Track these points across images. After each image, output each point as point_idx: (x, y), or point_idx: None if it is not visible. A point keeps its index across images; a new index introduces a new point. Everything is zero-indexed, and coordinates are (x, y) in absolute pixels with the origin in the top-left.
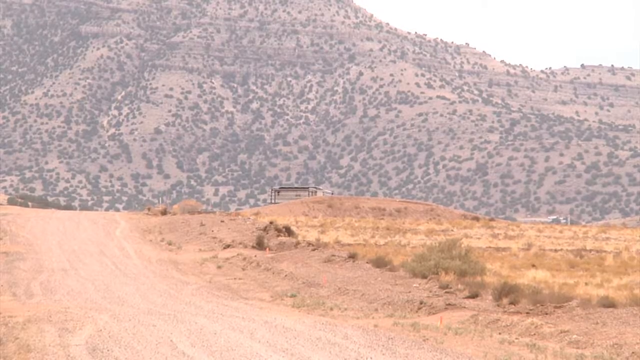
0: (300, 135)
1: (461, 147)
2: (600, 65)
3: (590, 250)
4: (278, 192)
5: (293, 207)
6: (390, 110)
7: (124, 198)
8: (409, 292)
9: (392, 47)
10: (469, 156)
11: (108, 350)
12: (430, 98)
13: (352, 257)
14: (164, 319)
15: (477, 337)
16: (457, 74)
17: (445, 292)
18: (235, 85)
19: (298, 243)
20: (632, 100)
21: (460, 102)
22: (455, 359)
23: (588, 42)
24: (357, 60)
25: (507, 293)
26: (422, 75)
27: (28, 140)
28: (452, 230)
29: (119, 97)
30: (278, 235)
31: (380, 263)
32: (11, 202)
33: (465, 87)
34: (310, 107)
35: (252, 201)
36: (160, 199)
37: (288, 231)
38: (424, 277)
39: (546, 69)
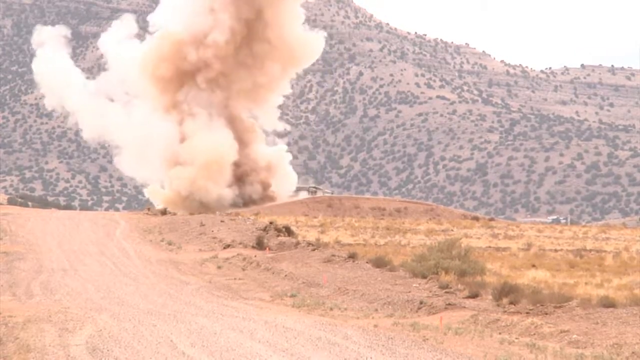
0: (300, 135)
1: (461, 147)
2: (600, 65)
3: (590, 250)
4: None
5: (293, 207)
6: (390, 110)
7: (124, 198)
8: (409, 292)
9: (392, 47)
10: (468, 156)
11: (108, 350)
12: (430, 98)
13: (352, 257)
14: (164, 319)
15: (477, 337)
16: (457, 74)
17: (445, 292)
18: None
19: (298, 243)
20: (632, 100)
21: (460, 102)
22: (455, 359)
23: (588, 42)
24: (357, 60)
25: (507, 293)
26: (422, 75)
27: (28, 140)
28: (452, 230)
29: None
30: (278, 235)
31: (380, 263)
32: (11, 202)
33: (465, 87)
34: (310, 107)
35: None
36: None
37: (288, 231)
38: (424, 277)
39: (546, 69)
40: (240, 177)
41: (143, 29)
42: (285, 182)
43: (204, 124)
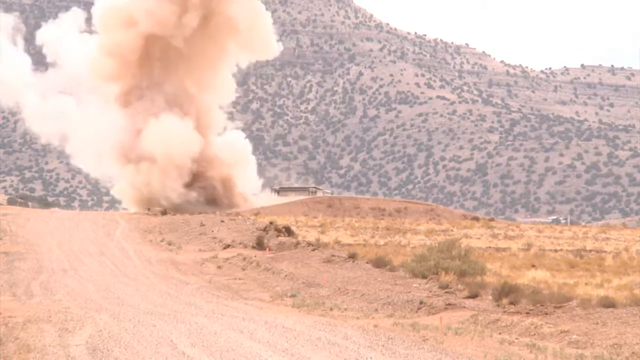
0: (300, 135)
1: (461, 148)
2: (600, 65)
3: (590, 251)
4: (278, 192)
5: (293, 207)
6: (390, 110)
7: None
8: (409, 292)
9: (392, 47)
10: (468, 156)
11: (108, 351)
12: (430, 98)
13: (352, 257)
14: (164, 319)
15: (477, 337)
16: (457, 74)
17: (445, 292)
18: (236, 85)
19: (298, 243)
20: (632, 100)
21: (460, 102)
22: (455, 359)
23: (588, 42)
24: (357, 61)
25: (507, 293)
26: (422, 75)
27: (28, 140)
28: (452, 231)
29: None
30: (278, 235)
31: (380, 263)
32: (11, 202)
33: (465, 87)
34: (310, 107)
35: None
36: None
37: (288, 231)
38: (424, 277)
39: (546, 69)
40: (199, 174)
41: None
42: (249, 177)
43: (159, 114)
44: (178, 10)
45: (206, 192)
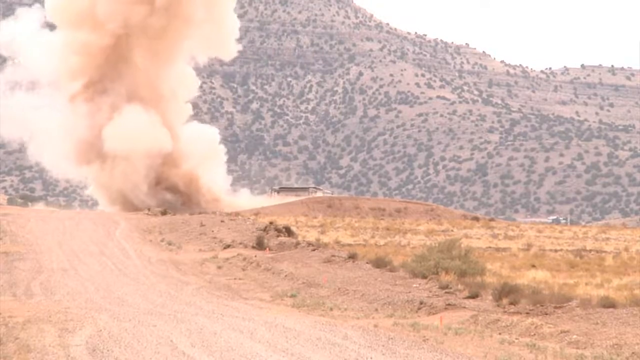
0: (300, 135)
1: (461, 148)
2: (600, 65)
3: (590, 251)
4: (278, 192)
5: (293, 207)
6: (390, 110)
7: None
8: (409, 292)
9: (392, 47)
10: (468, 156)
11: (108, 351)
12: (430, 98)
13: (352, 257)
14: (164, 319)
15: (477, 337)
16: (457, 74)
17: (445, 292)
18: (235, 86)
19: (298, 243)
20: (632, 100)
21: (460, 102)
22: (455, 359)
23: (588, 42)
24: (357, 61)
25: (507, 293)
26: (422, 75)
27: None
28: (452, 231)
29: None
30: (278, 236)
31: (380, 263)
32: (11, 202)
33: (465, 87)
34: (310, 107)
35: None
36: None
37: (288, 231)
38: (424, 277)
39: (546, 69)
40: (164, 175)
41: None
42: (218, 173)
43: (122, 109)
44: (145, 11)
45: (172, 193)
